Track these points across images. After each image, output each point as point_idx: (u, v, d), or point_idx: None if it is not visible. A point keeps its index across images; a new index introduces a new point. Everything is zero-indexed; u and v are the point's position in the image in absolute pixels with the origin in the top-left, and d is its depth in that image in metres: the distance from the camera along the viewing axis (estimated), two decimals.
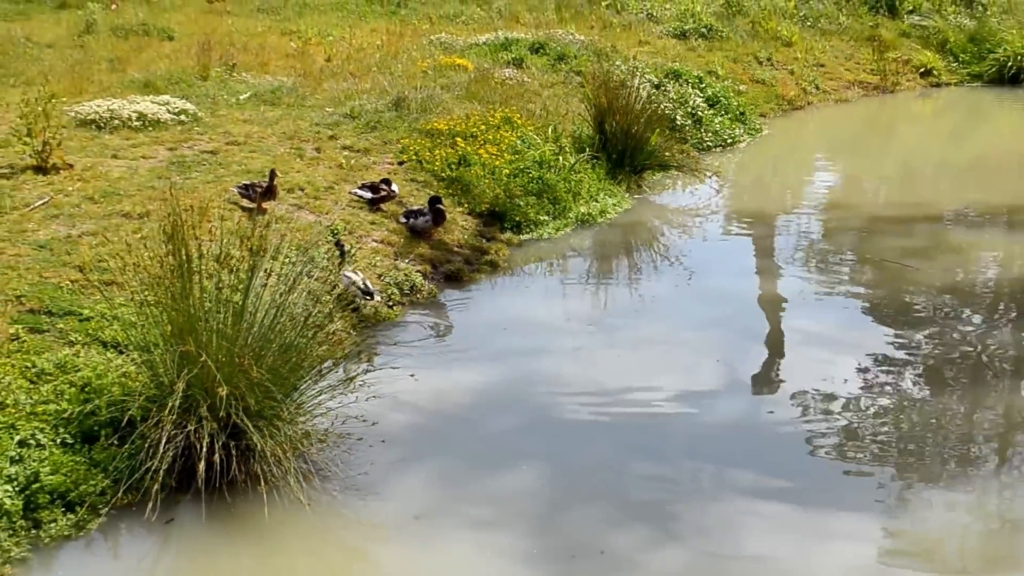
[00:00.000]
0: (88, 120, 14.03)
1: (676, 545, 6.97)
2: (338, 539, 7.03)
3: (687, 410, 9.01)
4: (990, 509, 7.51)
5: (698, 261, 12.92)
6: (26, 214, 10.64)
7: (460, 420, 8.67)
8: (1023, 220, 15.21)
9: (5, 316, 8.50)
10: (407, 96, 15.80)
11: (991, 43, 26.87)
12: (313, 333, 7.63)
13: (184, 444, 6.91)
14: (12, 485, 6.72)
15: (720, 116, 19.16)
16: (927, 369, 10.03)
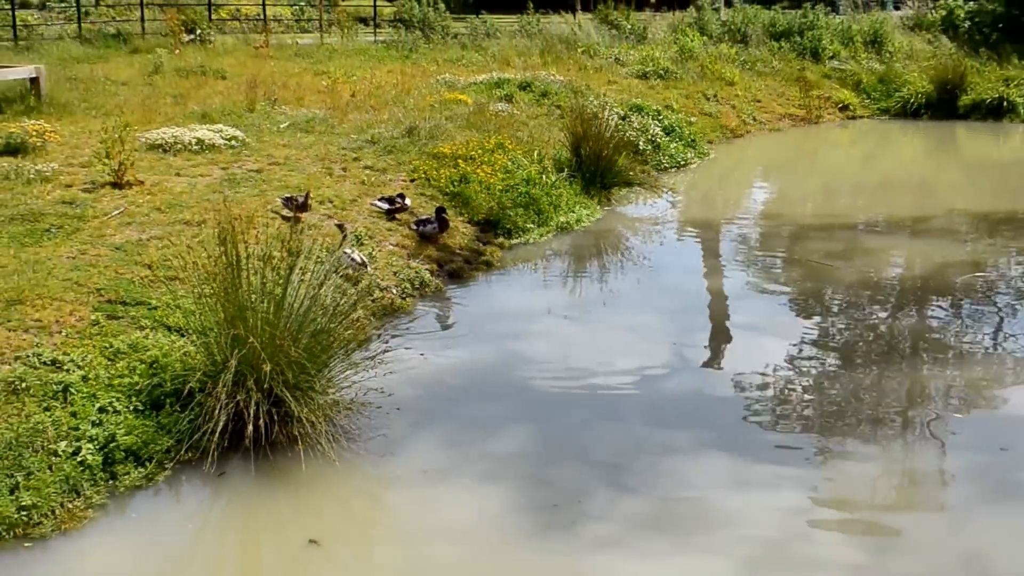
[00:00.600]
0: (156, 145, 14.04)
1: (635, 493, 6.98)
2: (360, 489, 7.04)
3: (646, 384, 9.02)
4: (894, 463, 7.53)
5: (657, 262, 12.97)
6: (105, 221, 10.63)
7: (461, 392, 8.68)
8: (922, 228, 15.23)
9: (88, 305, 8.51)
10: (417, 125, 15.80)
11: (897, 83, 27.03)
12: (340, 320, 7.65)
13: (234, 411, 6.91)
14: (93, 444, 6.75)
15: (675, 142, 19.25)
16: (844, 350, 10.06)
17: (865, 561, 6.26)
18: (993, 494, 7.06)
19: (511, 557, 6.30)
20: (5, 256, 9.45)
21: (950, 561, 6.24)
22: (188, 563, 6.22)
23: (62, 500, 6.35)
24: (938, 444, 7.84)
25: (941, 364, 9.66)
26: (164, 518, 6.57)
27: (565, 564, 6.18)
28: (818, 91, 26.38)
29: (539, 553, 6.31)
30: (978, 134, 24.32)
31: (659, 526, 6.58)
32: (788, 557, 6.28)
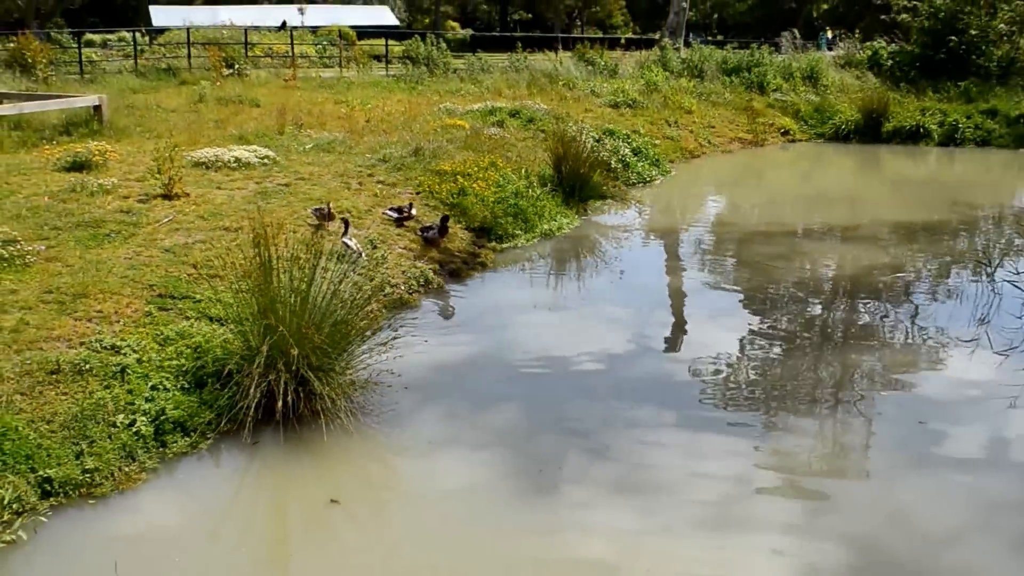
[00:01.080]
0: (200, 162, 14.03)
1: (605, 460, 7.01)
2: (374, 456, 7.04)
3: (615, 367, 9.04)
4: (827, 435, 7.55)
5: (626, 263, 12.99)
6: (156, 228, 10.63)
7: (460, 374, 8.68)
8: (851, 235, 15.24)
9: (142, 299, 8.51)
10: (423, 147, 15.78)
11: (830, 112, 27.15)
12: (357, 311, 7.65)
13: (266, 389, 6.93)
14: (146, 416, 6.77)
15: (641, 162, 19.20)
16: (785, 339, 10.07)
17: (801, 520, 6.30)
18: (913, 462, 7.10)
19: (503, 512, 6.31)
20: (72, 257, 9.46)
21: (876, 519, 6.27)
22: (226, 518, 6.24)
23: (120, 464, 6.38)
24: (865, 420, 7.85)
25: (867, 351, 9.68)
26: (206, 480, 6.59)
27: (546, 518, 6.21)
28: (763, 119, 26.44)
29: (526, 508, 6.34)
30: (898, 155, 24.40)
31: (624, 487, 6.59)
32: (734, 515, 6.30)
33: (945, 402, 8.24)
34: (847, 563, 5.76)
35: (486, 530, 6.10)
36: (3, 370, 6.89)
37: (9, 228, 9.88)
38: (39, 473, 6.04)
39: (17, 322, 7.70)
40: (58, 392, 6.81)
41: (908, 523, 6.24)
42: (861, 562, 5.78)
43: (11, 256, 9.16)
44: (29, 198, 11.63)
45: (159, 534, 5.93)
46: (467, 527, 6.12)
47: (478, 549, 5.88)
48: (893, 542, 6.01)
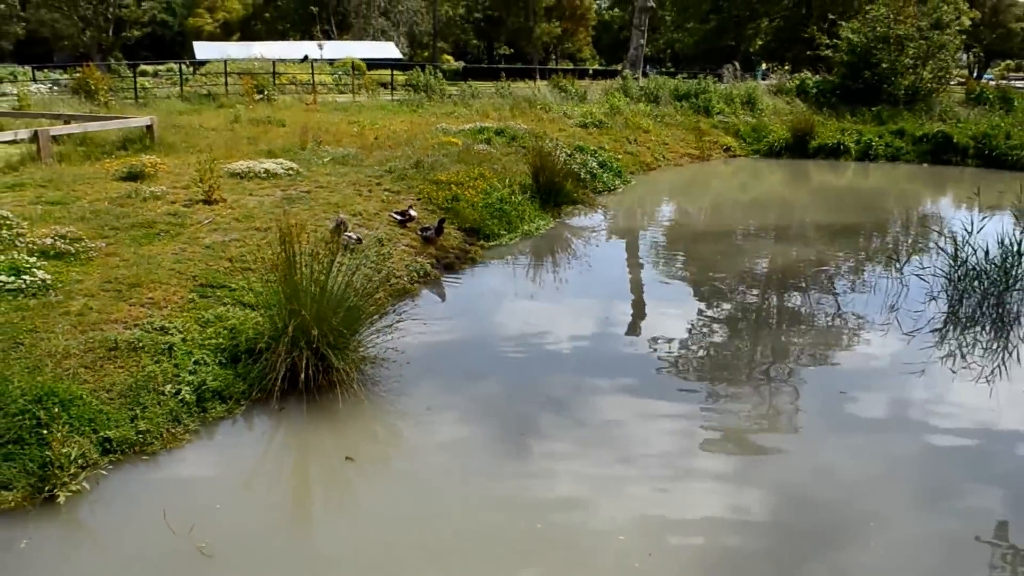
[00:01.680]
0: (235, 173, 13.97)
1: (572, 420, 7.04)
2: (382, 421, 7.02)
3: (584, 345, 9.05)
4: (761, 402, 7.57)
5: (593, 258, 12.95)
6: (198, 228, 10.58)
7: (453, 350, 8.67)
8: (782, 235, 15.32)
9: (186, 288, 8.48)
10: (422, 160, 15.76)
11: (765, 132, 27.14)
12: (367, 299, 7.63)
13: (291, 364, 6.92)
14: (190, 387, 6.75)
15: (607, 173, 19.15)
16: (727, 322, 10.10)
17: (737, 470, 6.34)
18: (833, 424, 7.13)
19: (488, 463, 6.34)
20: (128, 252, 9.41)
21: (802, 471, 6.32)
22: (257, 472, 6.24)
23: (168, 427, 6.38)
24: (793, 389, 7.90)
25: (796, 333, 9.73)
26: (240, 440, 6.59)
27: (523, 467, 6.24)
28: (709, 137, 26.43)
29: (507, 460, 6.37)
30: (822, 168, 24.43)
31: (587, 442, 6.63)
32: (680, 466, 6.35)
33: (862, 375, 8.29)
34: (774, 504, 5.84)
35: (474, 478, 6.12)
36: (70, 347, 6.87)
37: (75, 228, 9.84)
38: (100, 434, 6.04)
39: (82, 307, 7.68)
40: (116, 366, 6.79)
41: (828, 474, 6.28)
42: (786, 504, 5.85)
43: (77, 251, 9.13)
44: (92, 203, 11.57)
45: (201, 485, 5.93)
46: (459, 477, 6.14)
47: (468, 494, 5.90)
48: (814, 490, 6.06)
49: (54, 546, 5.19)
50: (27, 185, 12.73)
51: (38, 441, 5.70)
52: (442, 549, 5.31)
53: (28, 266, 8.31)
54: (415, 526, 5.51)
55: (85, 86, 27.06)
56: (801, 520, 5.69)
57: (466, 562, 5.21)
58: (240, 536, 5.34)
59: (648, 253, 14.06)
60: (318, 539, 5.48)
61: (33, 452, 5.66)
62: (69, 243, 9.26)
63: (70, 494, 5.52)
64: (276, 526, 5.56)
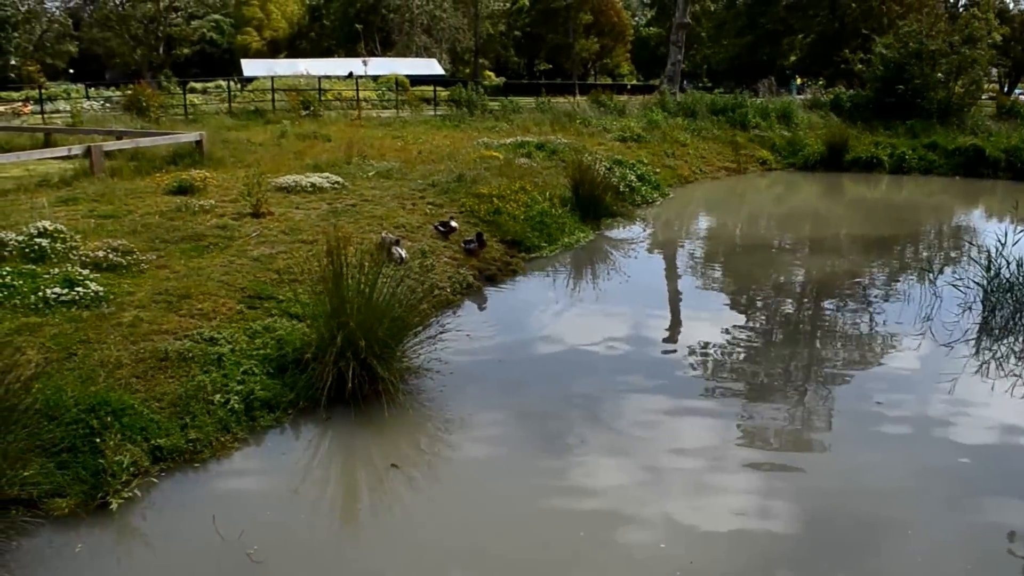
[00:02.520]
0: (282, 187, 14.06)
1: (615, 432, 6.98)
2: (425, 429, 6.99)
3: (622, 356, 8.97)
4: (798, 414, 7.46)
5: (632, 269, 12.84)
6: (246, 240, 10.64)
7: (495, 361, 8.61)
8: (817, 247, 15.14)
9: (234, 299, 8.52)
10: (464, 174, 15.75)
11: (800, 145, 26.85)
12: (411, 310, 7.60)
13: (337, 374, 6.91)
14: (238, 396, 6.77)
15: (645, 186, 19.04)
16: (762, 331, 9.98)
17: (775, 480, 6.25)
18: (868, 435, 7.00)
19: (531, 473, 6.28)
20: (178, 264, 9.48)
21: (838, 481, 6.22)
22: (304, 479, 6.22)
23: (217, 435, 6.39)
24: (828, 399, 7.80)
25: (830, 343, 9.60)
26: (288, 449, 6.58)
27: (563, 476, 6.17)
28: (745, 151, 26.21)
29: (548, 469, 6.30)
30: (857, 181, 24.15)
31: (628, 453, 6.58)
32: (718, 476, 6.27)
33: (896, 385, 8.15)
34: (811, 513, 5.75)
35: (516, 488, 6.08)
36: (122, 358, 6.91)
37: (127, 241, 9.94)
38: (151, 442, 6.06)
39: (134, 318, 7.73)
40: (166, 376, 6.82)
41: (862, 483, 6.19)
42: (822, 513, 5.77)
43: (129, 264, 9.21)
44: (143, 216, 11.68)
45: (250, 493, 5.94)
46: (501, 485, 6.10)
47: (510, 503, 5.86)
48: (850, 499, 5.97)
49: (108, 552, 5.21)
50: (80, 199, 12.89)
51: (91, 449, 5.73)
52: (485, 558, 5.28)
53: (81, 278, 8.40)
54: (459, 534, 5.48)
55: (137, 103, 27.48)
56: (837, 529, 5.59)
57: (509, 571, 5.17)
58: (288, 542, 5.32)
59: (685, 265, 13.94)
60: (365, 546, 5.46)
61: (86, 460, 5.69)
62: (121, 256, 9.34)
63: (122, 501, 5.54)
64: (324, 533, 5.54)
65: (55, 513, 5.38)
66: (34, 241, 9.54)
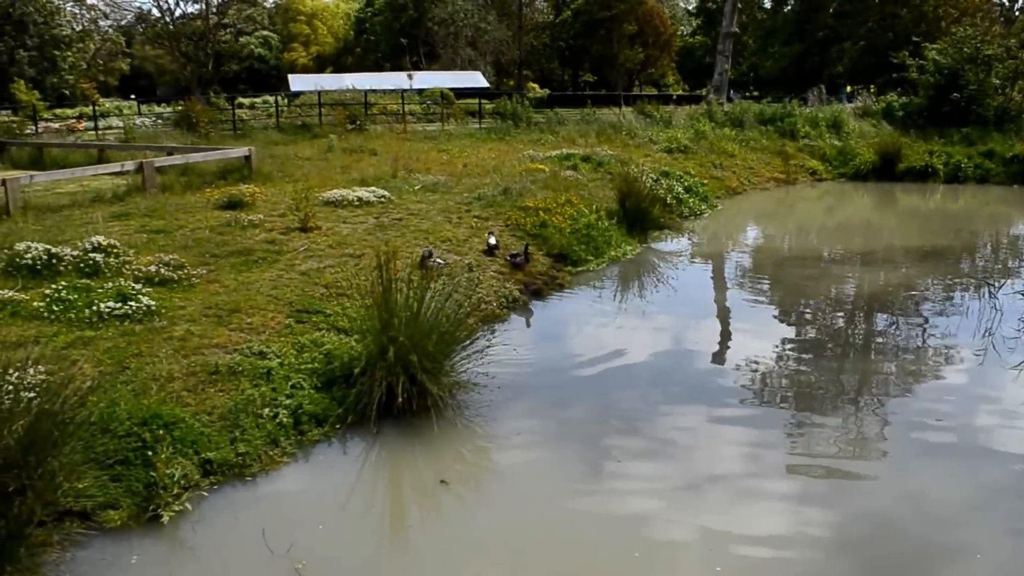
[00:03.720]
0: (329, 201, 14.22)
1: (661, 445, 6.96)
2: (473, 444, 7.01)
3: (669, 370, 8.93)
4: (849, 429, 7.34)
5: (680, 282, 12.75)
6: (294, 255, 10.77)
7: (541, 375, 8.57)
8: (869, 259, 14.90)
9: (283, 313, 8.62)
10: (510, 187, 15.79)
11: (851, 155, 26.50)
12: (458, 324, 7.61)
13: (386, 388, 6.94)
14: (287, 410, 6.82)
15: (692, 198, 18.88)
16: (813, 345, 9.87)
17: (826, 495, 6.17)
18: (926, 452, 6.87)
19: (577, 488, 6.25)
20: (228, 279, 9.62)
21: (891, 498, 6.10)
22: (353, 493, 6.26)
23: (266, 449, 6.44)
24: (881, 415, 7.64)
25: (885, 357, 9.45)
26: (336, 463, 6.62)
27: (610, 491, 6.14)
28: (794, 161, 25.94)
29: (595, 484, 6.29)
30: (910, 191, 23.79)
31: (675, 467, 6.52)
32: (767, 490, 6.21)
33: (957, 402, 7.96)
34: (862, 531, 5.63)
35: (563, 503, 6.05)
36: (173, 371, 7.03)
37: (178, 256, 10.11)
38: (202, 455, 6.13)
39: (184, 332, 7.85)
40: (217, 389, 6.91)
41: (919, 503, 6.06)
42: (874, 531, 5.63)
43: (180, 278, 9.36)
44: (194, 231, 11.88)
45: (299, 506, 5.98)
46: (548, 501, 6.08)
47: (557, 518, 5.84)
48: (905, 518, 5.85)
49: (160, 564, 5.27)
50: (132, 215, 13.15)
51: (144, 462, 5.82)
52: (532, 574, 5.26)
53: (134, 292, 8.56)
54: (506, 551, 5.47)
55: (187, 119, 28.00)
56: (896, 554, 5.45)
57: None
58: (337, 557, 5.36)
59: (734, 277, 13.82)
60: (413, 561, 5.46)
61: (139, 473, 5.78)
62: (172, 270, 9.51)
63: (173, 514, 5.61)
64: (372, 548, 5.57)
65: (108, 525, 5.46)
66: (89, 256, 9.75)
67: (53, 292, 8.53)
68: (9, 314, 8.15)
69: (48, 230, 11.91)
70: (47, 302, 8.31)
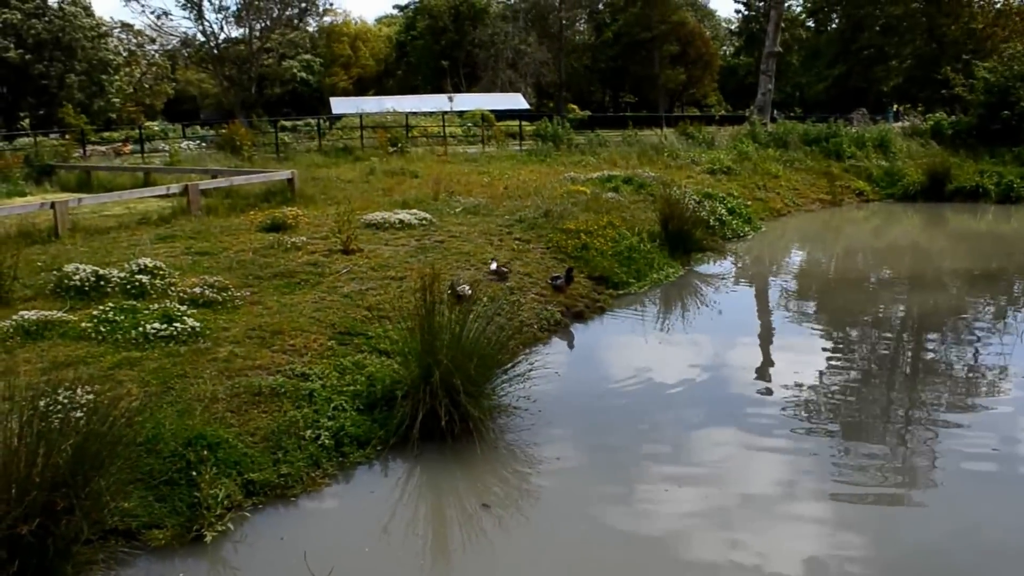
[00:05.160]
0: (371, 224, 14.33)
1: (707, 472, 6.89)
2: (514, 469, 7.00)
3: (712, 390, 8.89)
4: (898, 456, 7.25)
5: (723, 306, 12.64)
6: (337, 277, 10.87)
7: (582, 399, 8.56)
8: (918, 282, 14.73)
9: (325, 335, 8.69)
10: (551, 209, 15.81)
11: (899, 175, 26.22)
12: (500, 348, 7.62)
13: (428, 411, 6.97)
14: (328, 432, 6.89)
15: (736, 220, 18.76)
16: (860, 371, 9.73)
17: (875, 526, 6.07)
18: (979, 483, 6.70)
19: (622, 516, 6.23)
20: (271, 301, 9.74)
21: (946, 531, 6.00)
22: (395, 516, 6.27)
23: (308, 471, 6.50)
24: (932, 442, 7.49)
25: (935, 383, 9.29)
26: (378, 485, 6.66)
27: (655, 519, 6.10)
28: (840, 181, 25.71)
29: (639, 511, 6.26)
30: (960, 212, 23.45)
31: (721, 494, 6.46)
32: (814, 517, 6.14)
33: (1014, 431, 7.80)
34: (915, 565, 5.54)
35: (607, 531, 6.03)
36: (217, 392, 7.12)
37: (222, 277, 10.25)
38: (244, 476, 6.21)
39: (228, 353, 7.96)
40: (259, 411, 6.99)
41: (975, 536, 5.92)
42: (927, 564, 5.54)
43: (224, 300, 9.50)
44: (237, 253, 12.05)
45: (340, 529, 6.02)
46: (591, 528, 6.06)
47: (602, 547, 5.82)
48: (960, 552, 5.73)
49: None
50: (178, 237, 13.38)
51: (188, 482, 5.91)
52: None
53: (179, 314, 8.69)
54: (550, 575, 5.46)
55: (230, 142, 28.43)
56: None
57: None
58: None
59: (778, 301, 13.71)
60: None
61: (183, 493, 5.87)
62: (216, 292, 9.65)
63: (216, 534, 5.68)
64: (415, 571, 5.57)
65: (152, 544, 5.55)
66: (135, 277, 9.93)
67: (100, 313, 8.70)
68: (58, 334, 8.33)
69: (95, 252, 12.16)
70: (94, 323, 8.48)
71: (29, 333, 8.27)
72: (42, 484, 4.81)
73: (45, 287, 10.02)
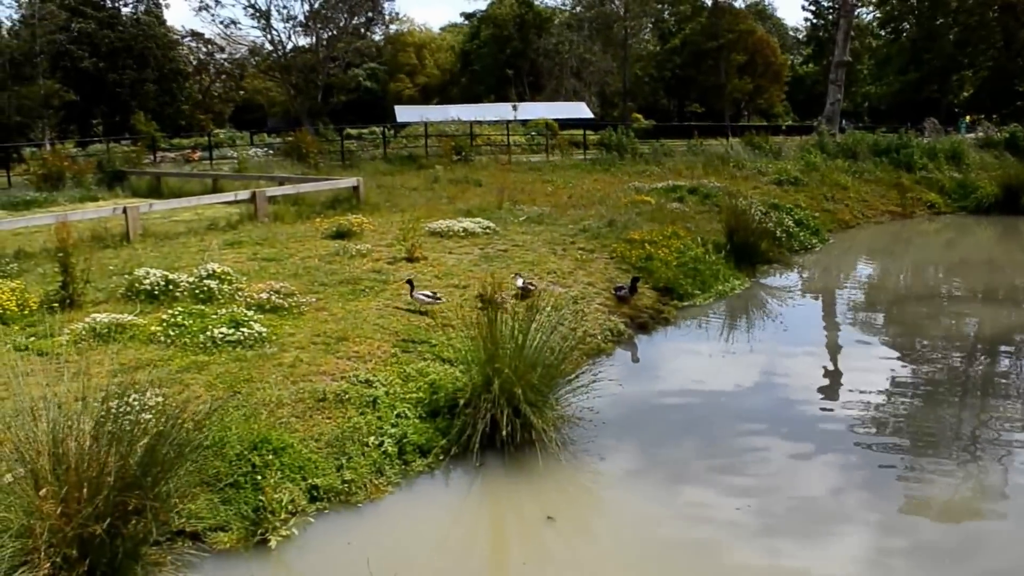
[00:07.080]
0: (435, 232, 14.42)
1: (771, 487, 6.78)
2: (578, 482, 6.96)
3: (777, 407, 8.74)
4: (969, 477, 7.04)
5: (789, 319, 12.45)
6: (401, 285, 10.92)
7: (648, 412, 8.52)
8: (991, 297, 14.39)
9: (389, 342, 8.74)
10: (615, 219, 15.78)
11: (972, 187, 25.69)
12: (563, 358, 7.59)
13: (490, 420, 6.97)
14: (391, 439, 6.91)
15: (803, 231, 18.51)
16: (929, 387, 9.49)
17: (948, 548, 5.92)
18: None
19: (687, 531, 6.16)
20: (336, 307, 9.82)
21: (1016, 558, 5.81)
22: (454, 526, 6.29)
23: (371, 478, 6.53)
24: (1006, 463, 7.27)
25: (1008, 402, 9.00)
26: (439, 495, 6.66)
27: (720, 532, 6.01)
28: (911, 193, 25.22)
29: (705, 526, 6.17)
30: None
31: (787, 509, 6.36)
32: (884, 539, 5.98)
33: None
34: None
35: (674, 548, 5.97)
36: (283, 397, 7.19)
37: (289, 283, 10.37)
38: (308, 481, 6.25)
39: (294, 359, 8.04)
40: (324, 416, 7.04)
41: None
42: None
43: (290, 306, 9.60)
44: (303, 260, 12.20)
45: (402, 537, 6.03)
46: (658, 545, 6.00)
47: (663, 562, 5.76)
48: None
49: None
50: (245, 243, 13.58)
51: (253, 486, 5.97)
52: None
53: (246, 319, 8.81)
54: None
55: (297, 149, 28.81)
56: None
57: None
58: None
59: (846, 314, 13.46)
60: None
61: (248, 496, 5.92)
62: (283, 298, 9.76)
63: (280, 539, 5.72)
64: None
65: (218, 547, 5.61)
66: (203, 282, 10.10)
67: (169, 317, 8.85)
68: (128, 337, 8.49)
69: (165, 256, 12.40)
70: (163, 326, 8.63)
71: (100, 335, 8.45)
72: (113, 485, 4.90)
73: (116, 290, 10.24)
